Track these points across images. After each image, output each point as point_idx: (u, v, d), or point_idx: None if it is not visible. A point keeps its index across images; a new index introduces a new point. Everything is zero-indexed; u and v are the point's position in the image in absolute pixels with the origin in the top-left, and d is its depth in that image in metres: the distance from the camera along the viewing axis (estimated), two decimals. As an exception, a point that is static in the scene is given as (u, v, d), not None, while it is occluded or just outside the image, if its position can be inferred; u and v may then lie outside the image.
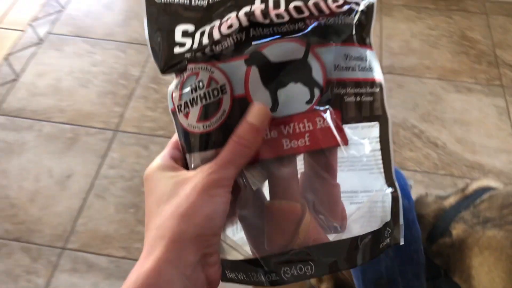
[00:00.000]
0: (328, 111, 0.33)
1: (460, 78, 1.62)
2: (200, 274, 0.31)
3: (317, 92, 0.33)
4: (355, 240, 0.34)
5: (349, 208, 0.36)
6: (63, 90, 1.58)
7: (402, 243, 0.36)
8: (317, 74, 0.33)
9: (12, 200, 1.32)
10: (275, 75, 0.33)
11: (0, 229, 1.26)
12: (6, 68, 1.65)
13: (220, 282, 0.34)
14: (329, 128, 0.33)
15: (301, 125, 0.33)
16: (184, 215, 0.30)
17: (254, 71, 0.33)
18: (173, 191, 0.32)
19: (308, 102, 0.33)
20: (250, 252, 0.35)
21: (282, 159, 0.33)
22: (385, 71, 1.64)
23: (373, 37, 0.36)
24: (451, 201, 0.73)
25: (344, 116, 0.34)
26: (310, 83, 0.33)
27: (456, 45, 1.73)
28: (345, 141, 0.34)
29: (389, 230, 0.35)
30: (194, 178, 0.32)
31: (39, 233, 1.25)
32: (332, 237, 0.35)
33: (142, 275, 0.29)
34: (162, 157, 0.35)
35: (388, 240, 0.35)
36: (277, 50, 0.33)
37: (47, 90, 1.58)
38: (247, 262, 0.34)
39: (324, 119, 0.33)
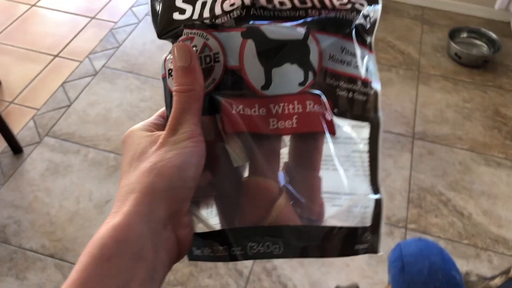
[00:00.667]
0: (319, 97, 0.33)
1: (491, 152, 1.66)
2: (170, 233, 0.30)
3: (311, 76, 0.33)
4: (329, 231, 0.33)
5: (330, 210, 0.34)
6: (111, 121, 1.69)
7: (380, 252, 0.35)
8: (314, 58, 0.33)
9: (52, 218, 1.39)
10: (271, 53, 0.32)
11: (38, 243, 1.33)
12: (62, 94, 1.77)
13: (188, 261, 0.34)
14: (318, 113, 0.33)
15: (290, 106, 0.32)
16: (154, 168, 0.29)
17: (251, 45, 0.32)
18: (145, 149, 0.31)
19: (301, 84, 0.33)
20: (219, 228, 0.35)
21: (266, 137, 0.33)
22: (417, 137, 1.70)
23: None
24: (496, 282, 0.79)
25: (335, 108, 0.33)
26: (306, 65, 0.33)
27: (489, 119, 1.78)
28: (333, 131, 0.33)
29: (368, 236, 0.34)
30: (163, 137, 0.32)
31: (73, 252, 1.32)
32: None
33: (110, 229, 0.28)
34: (144, 122, 0.35)
35: (365, 245, 0.34)
36: (276, 28, 0.32)
37: (96, 119, 1.69)
38: (213, 235, 0.33)
39: (315, 104, 0.33)
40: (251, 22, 0.32)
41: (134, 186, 0.29)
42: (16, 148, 1.55)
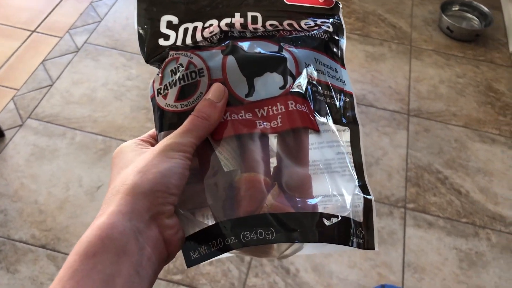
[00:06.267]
0: (301, 97, 0.36)
1: (485, 128, 1.66)
2: (154, 231, 0.32)
3: (290, 80, 0.36)
4: (322, 216, 0.34)
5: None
6: (97, 101, 1.60)
7: (377, 249, 0.36)
8: (291, 65, 0.36)
9: (40, 206, 1.33)
10: (251, 64, 0.36)
11: (27, 234, 1.27)
12: (43, 73, 1.68)
13: (188, 269, 0.34)
14: (300, 111, 0.35)
15: (274, 108, 0.35)
16: (139, 172, 0.32)
17: (231, 59, 0.36)
18: (134, 159, 0.34)
19: (282, 88, 0.36)
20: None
21: (254, 137, 0.35)
22: (412, 113, 1.67)
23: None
24: None
25: (315, 110, 0.37)
26: (284, 72, 0.36)
27: (482, 95, 1.77)
28: (316, 127, 0.36)
29: (362, 231, 0.35)
30: (155, 146, 0.34)
31: (65, 242, 1.26)
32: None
33: (95, 228, 0.30)
34: (134, 139, 0.37)
35: (361, 240, 0.35)
36: (252, 44, 0.37)
37: (81, 99, 1.60)
38: (208, 232, 0.34)
39: (296, 103, 0.35)
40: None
41: (119, 187, 0.32)
42: (-3, 132, 1.47)
